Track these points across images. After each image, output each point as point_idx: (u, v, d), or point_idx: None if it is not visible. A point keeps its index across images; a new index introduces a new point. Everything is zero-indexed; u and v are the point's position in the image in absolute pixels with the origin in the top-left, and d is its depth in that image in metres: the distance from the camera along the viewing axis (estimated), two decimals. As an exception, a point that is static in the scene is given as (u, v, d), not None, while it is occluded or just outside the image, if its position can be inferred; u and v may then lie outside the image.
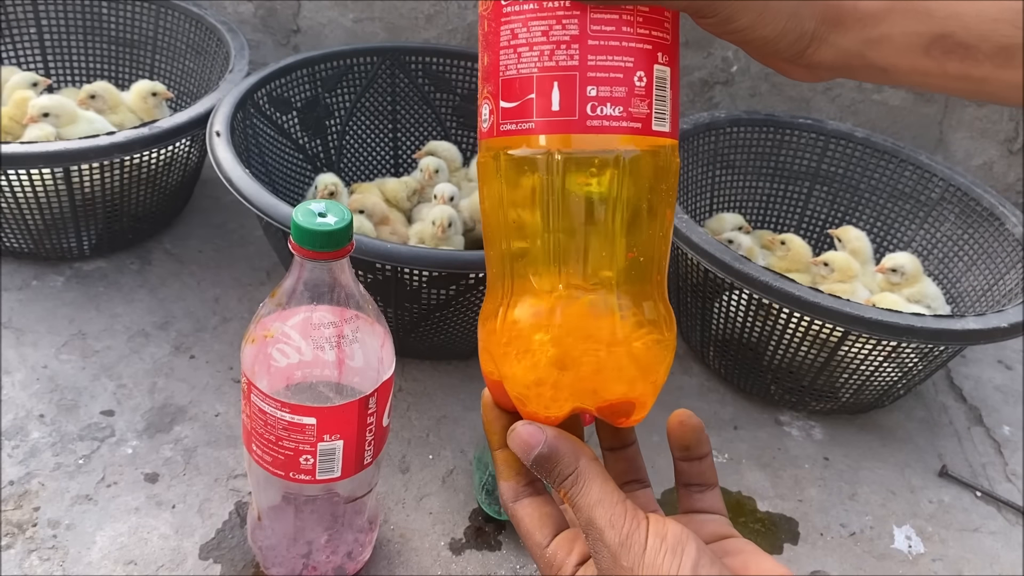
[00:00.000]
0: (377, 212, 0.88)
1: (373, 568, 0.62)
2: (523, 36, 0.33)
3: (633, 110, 0.33)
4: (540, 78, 0.33)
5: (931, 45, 0.32)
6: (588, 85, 0.33)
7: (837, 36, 0.33)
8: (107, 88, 0.97)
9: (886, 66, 0.33)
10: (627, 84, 0.33)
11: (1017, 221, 0.87)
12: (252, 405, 0.51)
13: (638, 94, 0.33)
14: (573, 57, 0.33)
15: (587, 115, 0.33)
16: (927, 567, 0.70)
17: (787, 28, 0.33)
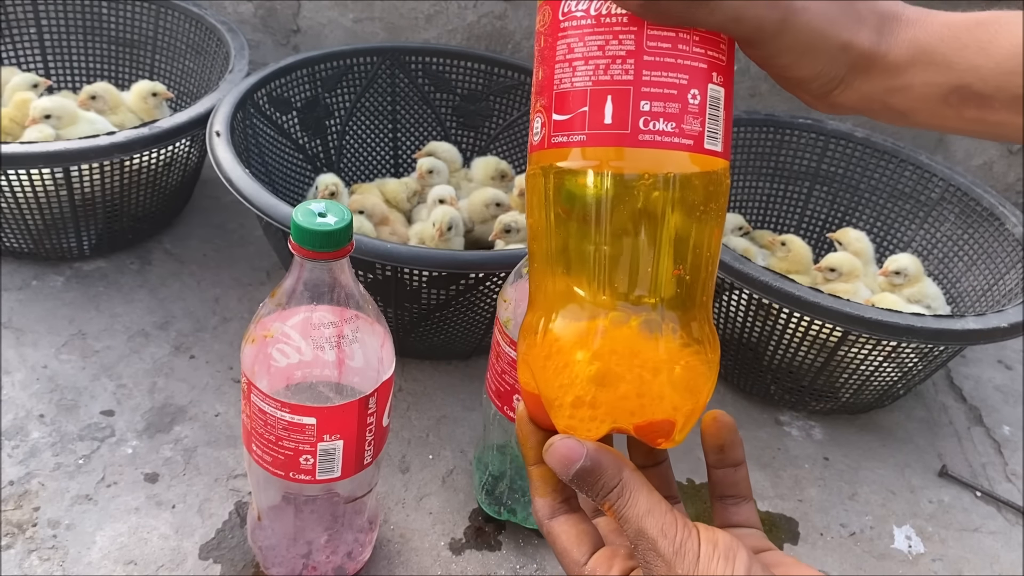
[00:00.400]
0: (377, 212, 0.88)
1: (373, 568, 0.62)
2: (579, 50, 0.33)
3: (686, 127, 0.33)
4: (594, 91, 0.33)
5: (950, 94, 0.34)
6: (642, 100, 0.33)
7: (862, 82, 0.35)
8: (107, 89, 0.97)
9: (905, 111, 0.36)
10: (681, 101, 0.33)
11: (1017, 221, 0.87)
12: (252, 405, 0.51)
13: (691, 111, 0.33)
14: (628, 72, 0.33)
15: (639, 129, 0.33)
16: (927, 567, 0.70)
17: (821, 72, 0.35)
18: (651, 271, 0.34)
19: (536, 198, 0.35)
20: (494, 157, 1.01)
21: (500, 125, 1.05)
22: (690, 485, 0.74)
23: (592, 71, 0.33)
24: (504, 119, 1.04)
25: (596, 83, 0.33)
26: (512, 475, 0.66)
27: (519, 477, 0.66)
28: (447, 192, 0.92)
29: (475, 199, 0.92)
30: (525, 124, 1.03)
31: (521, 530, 0.67)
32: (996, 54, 0.33)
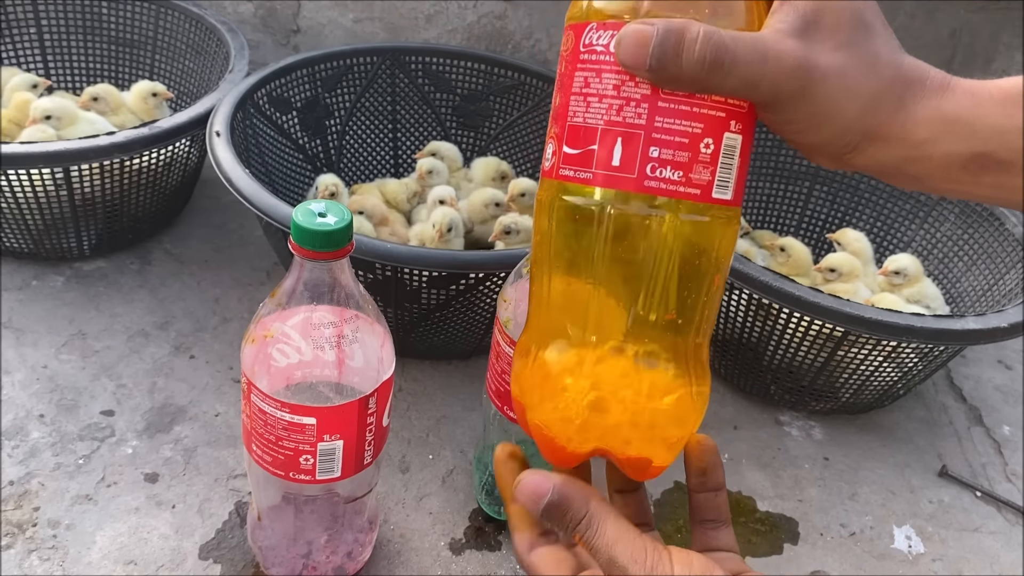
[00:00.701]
0: (376, 213, 0.88)
1: (373, 568, 0.62)
2: (595, 86, 0.33)
3: (694, 176, 0.33)
4: (605, 131, 0.33)
5: (969, 161, 0.33)
6: (651, 145, 0.32)
7: (876, 150, 0.34)
8: (109, 90, 0.97)
9: (921, 177, 0.35)
10: (692, 149, 0.33)
11: (1017, 221, 0.87)
12: (252, 405, 0.51)
13: (702, 160, 0.33)
14: (641, 116, 0.32)
15: (645, 175, 0.33)
16: (927, 567, 0.70)
17: (836, 139, 0.34)
18: (643, 312, 0.34)
19: (540, 222, 0.36)
20: (494, 158, 1.01)
21: (500, 125, 1.04)
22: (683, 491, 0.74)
23: (605, 110, 0.33)
24: (504, 119, 1.04)
25: (608, 123, 0.33)
26: (512, 475, 0.66)
27: (519, 477, 0.66)
28: (447, 193, 0.92)
29: (474, 199, 0.92)
30: (525, 124, 1.03)
31: (521, 530, 0.67)
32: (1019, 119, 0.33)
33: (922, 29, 1.08)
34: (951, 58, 1.09)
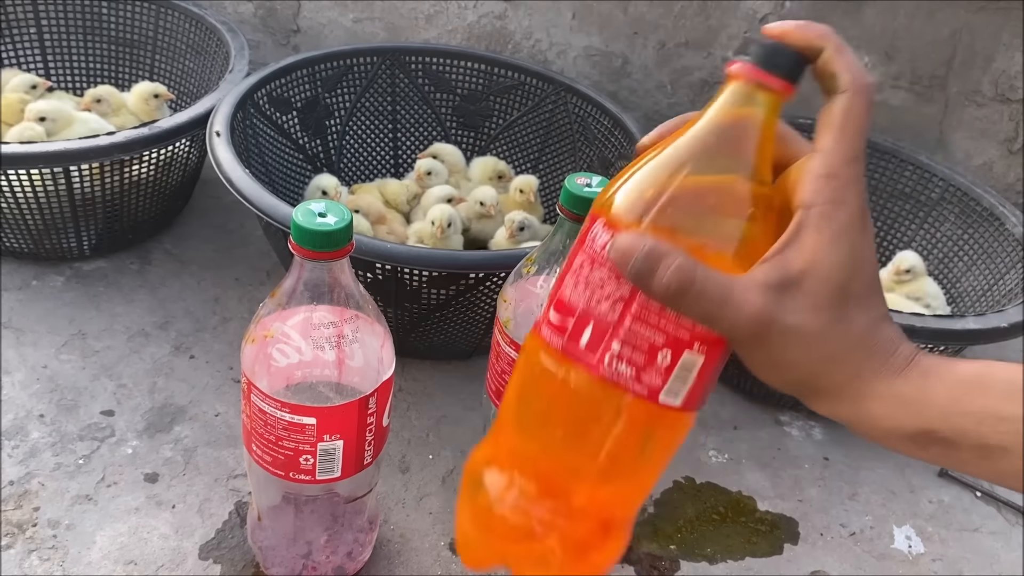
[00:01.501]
0: (373, 211, 0.88)
1: (373, 568, 0.62)
2: (585, 273, 0.37)
3: (645, 377, 0.36)
4: (582, 313, 0.37)
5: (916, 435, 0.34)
6: (614, 340, 0.36)
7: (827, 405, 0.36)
8: (111, 92, 0.97)
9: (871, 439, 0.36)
10: (649, 356, 0.36)
11: (1017, 221, 0.87)
12: (252, 405, 0.51)
13: (657, 368, 0.36)
14: (614, 313, 0.36)
15: (603, 363, 0.36)
16: (927, 567, 0.70)
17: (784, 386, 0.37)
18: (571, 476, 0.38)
19: (521, 358, 0.40)
20: (492, 157, 1.01)
21: (500, 125, 1.04)
22: (690, 485, 0.74)
23: (588, 296, 0.36)
24: (504, 119, 1.04)
25: (586, 307, 0.36)
26: (512, 475, 0.66)
27: (519, 477, 0.66)
28: (452, 191, 0.92)
29: (473, 196, 0.93)
30: (525, 124, 1.03)
31: (521, 530, 0.67)
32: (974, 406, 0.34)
33: (922, 29, 1.08)
34: (951, 58, 1.09)
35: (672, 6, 1.13)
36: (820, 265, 0.34)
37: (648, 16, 1.14)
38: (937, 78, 1.11)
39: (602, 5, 1.14)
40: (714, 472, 0.76)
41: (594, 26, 1.16)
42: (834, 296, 0.34)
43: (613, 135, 0.93)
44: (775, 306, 0.34)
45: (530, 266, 0.58)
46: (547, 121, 1.01)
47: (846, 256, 0.34)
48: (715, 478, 0.75)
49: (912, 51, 1.10)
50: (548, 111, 1.01)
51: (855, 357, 0.35)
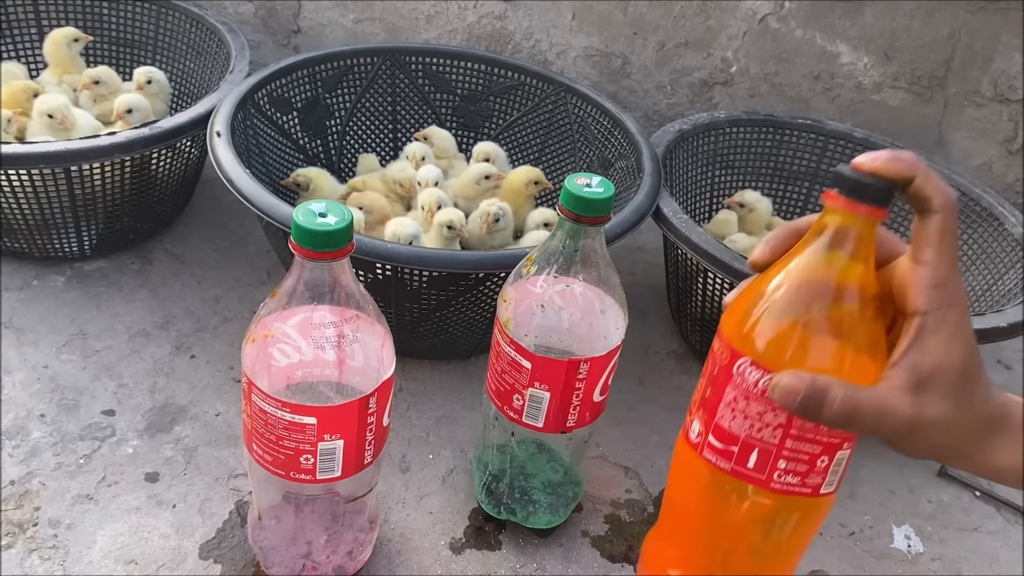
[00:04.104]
0: (376, 209, 0.88)
1: (373, 567, 0.63)
2: (741, 406, 0.44)
3: (809, 481, 0.44)
4: (746, 441, 0.44)
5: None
6: (780, 459, 0.44)
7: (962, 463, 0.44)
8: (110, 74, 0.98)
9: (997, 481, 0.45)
10: (810, 464, 0.44)
11: (1016, 221, 0.87)
12: (253, 405, 0.51)
13: (817, 471, 0.44)
14: (775, 438, 0.43)
15: (773, 479, 0.44)
16: (926, 566, 0.70)
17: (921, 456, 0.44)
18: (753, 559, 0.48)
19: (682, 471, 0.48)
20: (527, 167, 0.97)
21: (500, 125, 1.05)
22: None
23: (749, 426, 0.44)
24: (504, 119, 1.04)
25: (748, 436, 0.44)
26: (512, 474, 0.66)
27: (519, 476, 0.66)
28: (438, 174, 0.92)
29: (465, 176, 0.93)
30: (525, 124, 1.03)
31: (521, 530, 0.67)
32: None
33: (921, 29, 1.08)
34: (950, 58, 1.09)
35: (672, 6, 1.13)
36: (944, 362, 0.41)
37: (648, 16, 1.14)
38: (936, 78, 1.11)
39: (602, 5, 1.14)
40: (714, 472, 0.76)
41: (594, 26, 1.16)
42: (959, 384, 0.41)
43: (613, 135, 0.93)
44: (920, 405, 0.41)
45: (530, 266, 0.59)
46: (547, 121, 1.02)
47: (963, 349, 0.41)
48: (715, 478, 0.75)
49: (911, 51, 1.10)
50: (548, 111, 1.01)
51: (978, 426, 0.42)
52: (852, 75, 1.13)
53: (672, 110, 1.20)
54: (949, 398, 0.41)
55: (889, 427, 0.41)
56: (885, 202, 0.42)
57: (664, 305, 0.96)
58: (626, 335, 0.60)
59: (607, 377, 0.60)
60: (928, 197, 0.42)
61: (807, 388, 0.40)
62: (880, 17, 1.08)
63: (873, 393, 0.41)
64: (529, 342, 0.58)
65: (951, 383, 0.41)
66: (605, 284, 0.58)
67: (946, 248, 0.41)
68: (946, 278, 0.41)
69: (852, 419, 0.40)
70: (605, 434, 0.77)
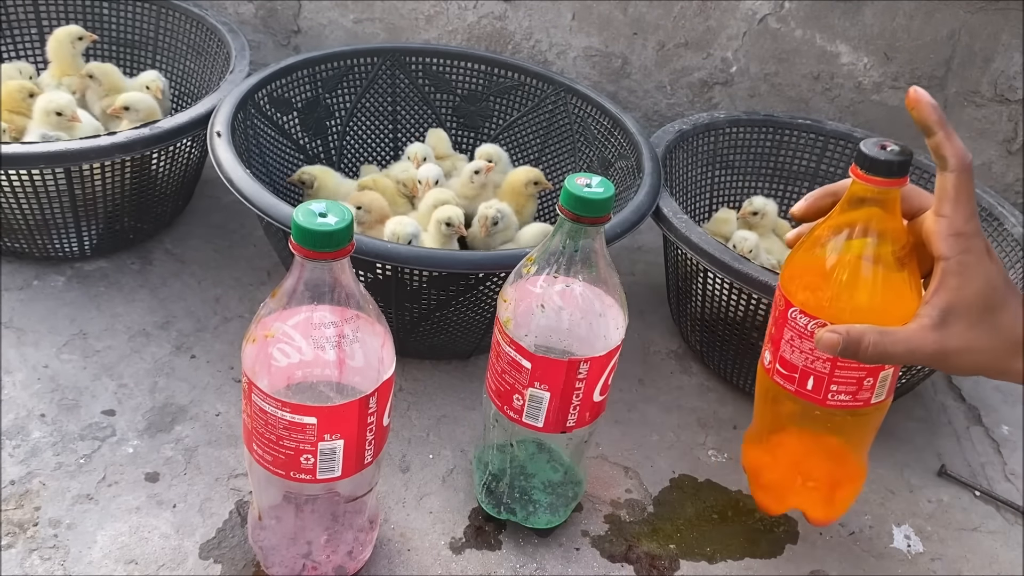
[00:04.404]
0: (376, 209, 0.88)
1: (373, 567, 0.63)
2: (797, 344, 0.56)
3: (859, 396, 0.56)
4: (804, 369, 0.57)
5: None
6: (832, 383, 0.56)
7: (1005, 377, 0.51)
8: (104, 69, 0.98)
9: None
10: (858, 384, 0.56)
11: (1016, 221, 0.87)
12: (253, 405, 0.51)
13: (865, 388, 0.56)
14: (826, 368, 0.56)
15: (828, 399, 0.57)
16: (926, 566, 0.70)
17: (971, 374, 0.54)
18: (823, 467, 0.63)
19: (763, 389, 0.63)
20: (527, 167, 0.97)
21: (500, 125, 1.05)
22: (690, 484, 0.74)
23: (804, 358, 0.56)
24: (504, 119, 1.04)
25: (805, 366, 0.56)
26: (512, 474, 0.66)
27: (519, 476, 0.66)
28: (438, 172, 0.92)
29: (462, 176, 0.93)
30: (525, 124, 1.03)
31: (521, 529, 0.67)
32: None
33: (921, 29, 1.08)
34: (950, 58, 1.09)
35: (672, 6, 1.13)
36: (964, 298, 0.48)
37: (648, 16, 1.14)
38: (936, 78, 1.11)
39: (602, 6, 1.14)
40: (714, 471, 0.76)
41: (594, 27, 1.16)
42: (982, 314, 0.49)
43: (613, 135, 0.93)
44: (943, 338, 0.49)
45: (530, 266, 0.59)
46: (547, 121, 1.02)
47: (982, 284, 0.49)
48: (715, 477, 0.75)
49: (911, 51, 1.10)
50: (548, 111, 1.01)
51: (1011, 347, 0.50)
52: (852, 75, 1.13)
53: (672, 110, 1.20)
54: (973, 328, 0.49)
55: (920, 359, 0.50)
56: (900, 175, 0.50)
57: (664, 305, 0.96)
58: (626, 335, 0.60)
59: (607, 377, 0.60)
60: (945, 156, 0.49)
61: (844, 340, 0.50)
62: (880, 17, 1.08)
63: (901, 334, 0.49)
64: (529, 342, 0.58)
65: (972, 315, 0.49)
66: (605, 284, 0.58)
67: (962, 202, 0.48)
68: (963, 227, 0.48)
69: (885, 358, 0.49)
70: (605, 434, 0.77)
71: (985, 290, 0.49)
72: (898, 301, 0.52)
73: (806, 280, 0.54)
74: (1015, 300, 0.50)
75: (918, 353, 0.49)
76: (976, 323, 0.49)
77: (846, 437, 0.61)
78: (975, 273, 0.48)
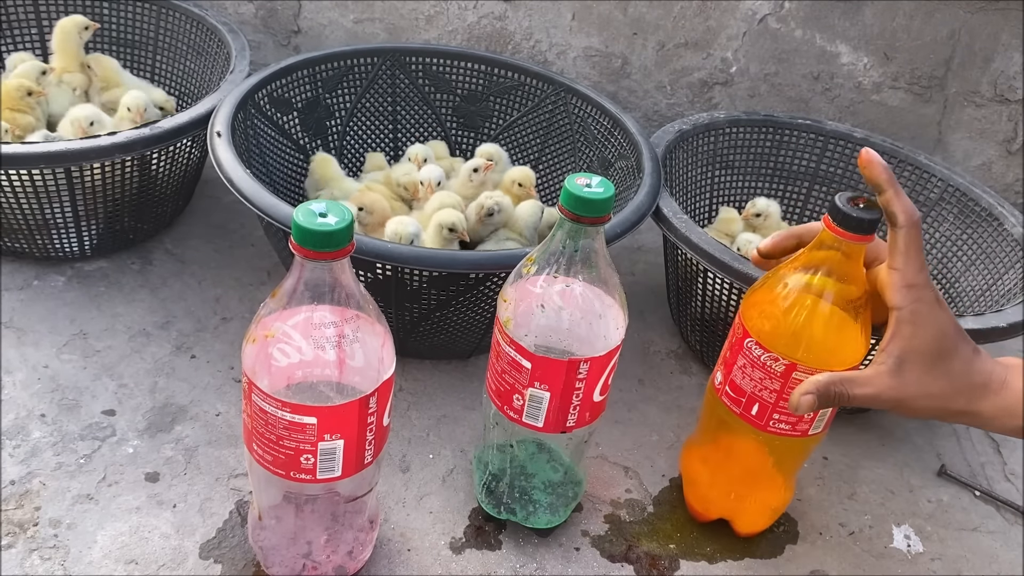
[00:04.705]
0: (377, 210, 0.88)
1: (373, 567, 0.63)
2: (748, 372, 0.60)
3: (798, 427, 0.60)
4: (751, 396, 0.60)
5: (1017, 431, 0.53)
6: (775, 412, 0.60)
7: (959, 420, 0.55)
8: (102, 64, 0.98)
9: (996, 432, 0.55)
10: (799, 417, 0.59)
11: (1016, 221, 0.87)
12: (253, 405, 0.51)
13: (805, 420, 0.60)
14: (772, 396, 0.59)
15: (769, 426, 0.61)
16: (926, 566, 0.70)
17: (926, 418, 0.59)
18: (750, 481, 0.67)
19: (709, 405, 0.66)
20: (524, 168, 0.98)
21: (500, 125, 1.05)
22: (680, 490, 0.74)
23: (753, 385, 0.60)
24: (504, 119, 1.04)
25: (753, 393, 0.60)
26: (512, 474, 0.66)
27: (519, 476, 0.66)
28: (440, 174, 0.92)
29: (461, 176, 0.93)
30: (525, 125, 1.03)
31: (521, 529, 0.67)
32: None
33: (921, 29, 1.08)
34: (950, 58, 1.09)
35: (672, 7, 1.13)
36: (918, 346, 0.52)
37: (648, 17, 1.14)
38: (936, 78, 1.11)
39: (602, 6, 1.14)
40: (713, 472, 0.76)
41: (594, 27, 1.16)
42: (935, 360, 0.52)
43: (613, 135, 0.93)
44: (900, 384, 0.52)
45: (530, 266, 0.59)
46: (547, 121, 1.02)
47: (934, 332, 0.52)
48: (714, 478, 0.75)
49: (911, 51, 1.10)
50: (548, 112, 1.01)
51: (963, 392, 0.53)
52: (852, 75, 1.13)
53: (672, 110, 1.20)
54: (927, 373, 0.52)
55: (881, 404, 0.53)
56: (868, 232, 0.53)
57: (664, 305, 0.96)
58: (626, 335, 0.60)
59: (607, 377, 0.61)
60: (895, 213, 0.52)
61: (817, 396, 0.53)
62: (880, 17, 1.08)
63: (862, 378, 0.53)
64: (529, 342, 0.58)
65: (926, 361, 0.52)
66: (605, 284, 0.58)
67: (912, 256, 0.52)
68: (914, 279, 0.52)
69: (848, 401, 0.53)
70: (605, 434, 0.77)
71: (937, 337, 0.52)
72: (850, 345, 0.56)
73: (766, 313, 0.58)
74: (965, 347, 0.53)
75: (879, 398, 0.52)
76: (930, 369, 0.52)
77: (780, 460, 0.64)
78: (927, 322, 0.52)
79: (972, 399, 0.53)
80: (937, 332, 0.52)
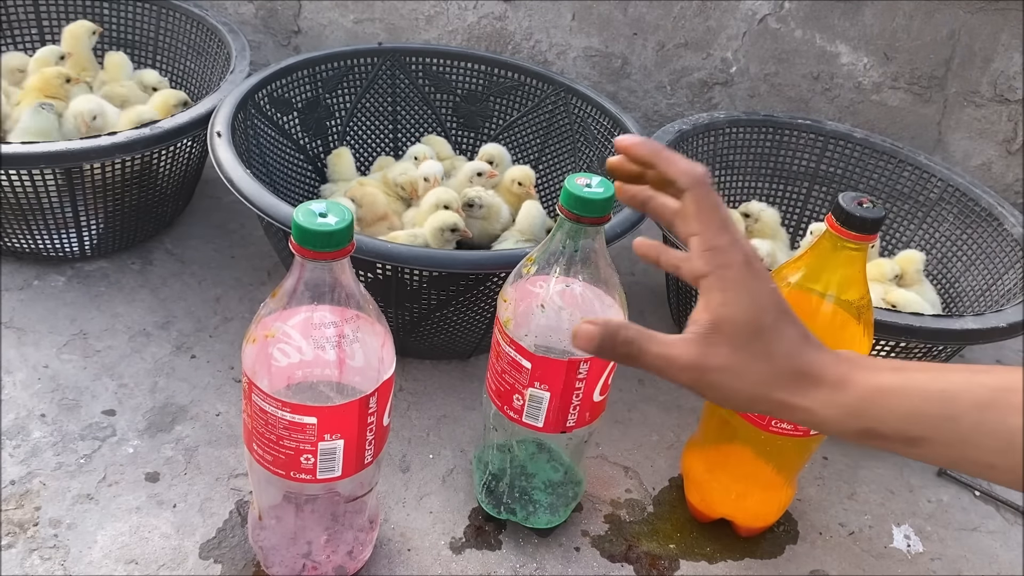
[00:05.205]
0: (377, 207, 0.88)
1: (373, 567, 0.63)
2: None
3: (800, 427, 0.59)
4: None
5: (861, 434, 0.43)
6: None
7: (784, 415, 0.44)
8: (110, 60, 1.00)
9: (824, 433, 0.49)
10: None
11: (1016, 221, 0.87)
12: (253, 405, 0.51)
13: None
14: None
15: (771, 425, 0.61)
16: (926, 566, 0.70)
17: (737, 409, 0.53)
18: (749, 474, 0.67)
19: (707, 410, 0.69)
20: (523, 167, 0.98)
21: (500, 125, 1.05)
22: (680, 490, 0.74)
23: None
24: (504, 119, 1.04)
25: None
26: (512, 474, 0.66)
27: (519, 476, 0.66)
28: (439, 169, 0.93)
29: (461, 175, 0.94)
30: (525, 124, 1.03)
31: (521, 529, 0.67)
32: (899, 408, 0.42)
33: (921, 29, 1.08)
34: (950, 58, 1.09)
35: (672, 7, 1.13)
36: (727, 315, 0.43)
37: (648, 17, 1.14)
38: (936, 78, 1.11)
39: (602, 6, 1.14)
40: (713, 472, 0.76)
41: (594, 27, 1.16)
42: (748, 334, 0.43)
43: (613, 135, 0.93)
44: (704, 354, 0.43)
45: (530, 266, 0.59)
46: (547, 121, 1.02)
47: (747, 301, 0.43)
48: (714, 477, 0.75)
49: (911, 51, 1.10)
50: (548, 112, 1.01)
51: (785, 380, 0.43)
52: (852, 75, 1.13)
53: (672, 110, 1.20)
54: (738, 349, 0.43)
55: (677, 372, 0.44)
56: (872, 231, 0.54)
57: (664, 305, 0.96)
58: (626, 335, 0.60)
59: (607, 377, 0.61)
60: (673, 178, 0.45)
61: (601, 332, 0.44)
62: (880, 17, 1.08)
63: (661, 338, 0.44)
64: (529, 342, 0.58)
65: (737, 334, 0.43)
66: (605, 284, 0.58)
67: (706, 216, 0.44)
68: (715, 240, 0.44)
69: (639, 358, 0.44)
70: (605, 434, 0.77)
71: (752, 308, 0.43)
72: (852, 345, 0.56)
73: None
74: (792, 329, 0.44)
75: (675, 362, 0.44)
76: (744, 345, 0.43)
77: (782, 459, 0.64)
78: (738, 287, 0.43)
79: (796, 391, 0.43)
80: (751, 302, 0.43)
